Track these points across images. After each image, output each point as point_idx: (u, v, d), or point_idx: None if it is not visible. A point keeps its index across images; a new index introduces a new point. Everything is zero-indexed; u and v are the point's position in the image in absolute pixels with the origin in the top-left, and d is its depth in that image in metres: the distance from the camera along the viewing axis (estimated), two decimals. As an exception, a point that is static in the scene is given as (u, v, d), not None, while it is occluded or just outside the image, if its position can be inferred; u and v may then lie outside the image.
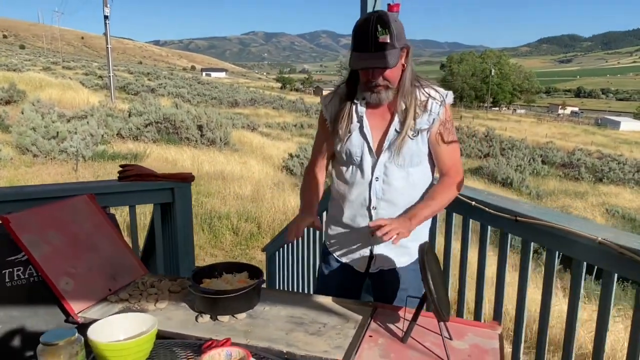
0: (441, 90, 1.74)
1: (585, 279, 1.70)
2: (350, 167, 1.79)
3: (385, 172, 1.75)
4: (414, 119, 1.69)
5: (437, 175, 1.88)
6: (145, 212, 6.15)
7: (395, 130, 1.72)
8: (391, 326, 1.55)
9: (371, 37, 1.55)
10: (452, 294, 2.31)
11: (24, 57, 61.84)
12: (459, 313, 2.21)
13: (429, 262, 1.42)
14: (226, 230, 7.57)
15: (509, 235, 1.93)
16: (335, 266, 1.93)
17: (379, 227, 1.57)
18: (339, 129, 1.77)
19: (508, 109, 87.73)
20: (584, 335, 3.40)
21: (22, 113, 14.11)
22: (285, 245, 3.70)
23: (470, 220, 2.11)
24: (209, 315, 1.54)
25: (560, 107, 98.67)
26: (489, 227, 2.01)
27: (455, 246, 2.23)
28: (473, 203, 1.98)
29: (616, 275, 1.54)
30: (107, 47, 24.06)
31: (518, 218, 1.78)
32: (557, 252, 1.74)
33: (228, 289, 1.53)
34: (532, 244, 1.83)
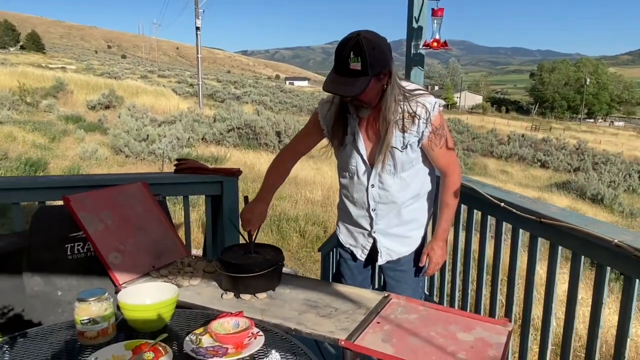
0: (428, 102, 1.73)
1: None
2: (349, 173, 1.90)
3: (380, 179, 1.83)
4: (403, 132, 1.73)
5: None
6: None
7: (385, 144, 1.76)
8: (401, 316, 1.62)
9: (344, 62, 1.57)
10: (485, 293, 2.31)
11: (124, 65, 67.05)
12: (492, 313, 2.21)
13: None
14: (293, 233, 7.78)
15: (539, 239, 1.92)
16: (346, 256, 2.06)
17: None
18: (336, 140, 1.85)
19: (604, 121, 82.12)
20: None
21: (119, 117, 15.41)
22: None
23: (504, 223, 2.12)
24: (233, 294, 1.69)
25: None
26: (520, 229, 2.01)
27: (490, 248, 2.24)
28: (502, 204, 1.99)
29: (637, 280, 1.51)
30: (198, 57, 25.55)
31: (542, 220, 1.78)
32: (582, 257, 1.71)
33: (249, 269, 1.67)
34: (559, 247, 1.81)
